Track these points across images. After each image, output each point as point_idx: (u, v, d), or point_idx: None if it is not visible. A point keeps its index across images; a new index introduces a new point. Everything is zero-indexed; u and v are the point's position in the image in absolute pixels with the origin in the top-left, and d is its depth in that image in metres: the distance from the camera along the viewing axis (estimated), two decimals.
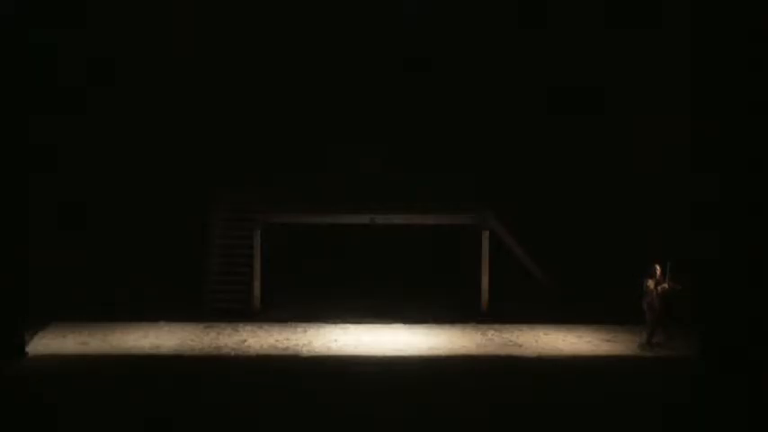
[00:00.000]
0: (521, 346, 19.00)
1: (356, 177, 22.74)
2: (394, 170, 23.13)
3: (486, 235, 21.66)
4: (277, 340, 19.21)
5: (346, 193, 22.44)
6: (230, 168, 23.43)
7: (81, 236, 22.59)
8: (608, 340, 19.40)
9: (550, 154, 24.06)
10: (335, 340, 19.16)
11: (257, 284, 21.58)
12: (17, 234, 17.71)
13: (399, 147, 23.98)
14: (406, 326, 20.37)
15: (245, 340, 19.18)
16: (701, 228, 19.27)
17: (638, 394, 15.87)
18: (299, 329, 20.04)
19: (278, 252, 22.71)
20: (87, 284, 21.90)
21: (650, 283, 18.45)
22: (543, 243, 22.72)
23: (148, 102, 23.58)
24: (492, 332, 19.99)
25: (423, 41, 24.20)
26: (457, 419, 14.55)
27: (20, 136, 17.74)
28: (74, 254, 22.20)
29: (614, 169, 23.66)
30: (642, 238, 22.60)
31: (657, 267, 18.47)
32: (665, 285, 18.36)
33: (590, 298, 22.06)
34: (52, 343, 18.69)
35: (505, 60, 24.09)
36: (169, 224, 23.10)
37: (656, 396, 15.84)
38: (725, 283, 18.31)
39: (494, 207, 21.93)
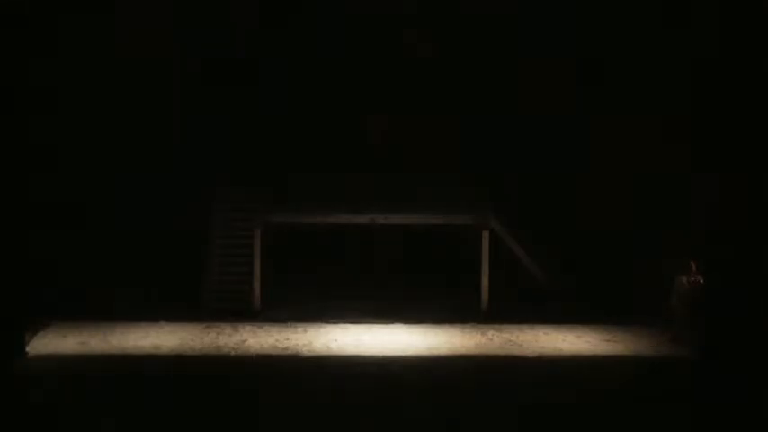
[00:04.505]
0: (521, 346, 19.00)
1: (356, 177, 22.71)
2: (394, 169, 23.13)
3: (486, 235, 21.65)
4: (277, 340, 19.21)
5: (346, 193, 22.42)
6: (231, 168, 23.42)
7: (81, 235, 22.57)
8: (608, 340, 19.40)
9: (551, 153, 24.04)
10: (335, 340, 19.16)
11: (257, 284, 21.57)
12: (17, 234, 17.72)
13: (399, 146, 23.98)
14: (406, 326, 20.37)
15: (246, 340, 19.18)
16: (701, 227, 19.33)
17: (638, 394, 15.88)
18: (299, 329, 20.04)
19: (278, 252, 22.71)
20: (87, 284, 21.88)
21: (685, 280, 18.63)
22: (543, 243, 22.71)
23: (149, 100, 23.56)
24: (492, 332, 19.99)
25: (424, 38, 24.18)
26: (457, 419, 14.55)
27: (19, 135, 17.78)
28: (74, 253, 22.19)
29: (614, 168, 23.64)
30: (642, 237, 22.62)
31: (693, 264, 18.65)
32: (699, 279, 18.67)
33: (590, 298, 22.05)
34: (52, 343, 18.69)
35: (505, 59, 24.08)
36: (169, 224, 23.08)
37: (657, 396, 15.85)
38: (725, 283, 18.35)
39: (494, 207, 21.92)
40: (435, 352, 18.34)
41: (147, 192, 23.36)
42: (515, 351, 18.58)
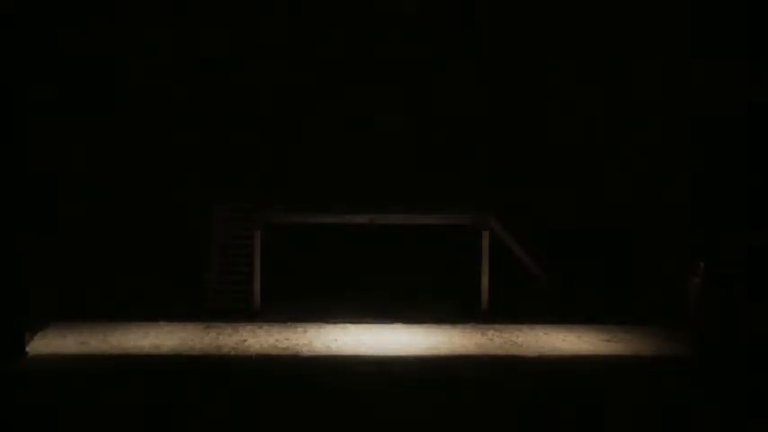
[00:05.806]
0: (521, 346, 19.00)
1: (356, 177, 22.70)
2: (395, 169, 23.12)
3: (486, 235, 21.65)
4: (277, 340, 19.22)
5: (346, 193, 22.39)
6: (231, 168, 23.42)
7: (81, 235, 22.57)
8: (608, 340, 19.41)
9: (551, 153, 24.05)
10: (335, 340, 19.17)
11: (257, 284, 21.58)
12: (17, 234, 17.73)
13: (400, 146, 23.99)
14: (406, 326, 20.38)
15: (245, 340, 19.19)
16: (702, 227, 19.34)
17: (638, 394, 15.88)
18: (299, 329, 20.04)
19: (278, 252, 22.71)
20: (87, 284, 21.88)
21: (697, 281, 18.67)
22: (543, 243, 22.71)
23: (149, 99, 23.55)
24: (492, 332, 19.99)
25: (421, 35, 24.18)
26: (457, 419, 14.55)
27: (20, 133, 17.83)
28: (74, 253, 22.19)
29: (614, 168, 23.66)
30: (642, 237, 22.62)
31: (702, 264, 18.69)
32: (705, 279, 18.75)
33: (590, 298, 22.06)
34: (52, 343, 18.70)
35: (505, 58, 24.10)
36: (169, 224, 23.08)
37: (656, 396, 15.85)
38: (725, 283, 18.37)
39: (494, 207, 21.92)
40: (435, 352, 18.35)
41: (147, 191, 23.36)
42: (515, 351, 18.59)
